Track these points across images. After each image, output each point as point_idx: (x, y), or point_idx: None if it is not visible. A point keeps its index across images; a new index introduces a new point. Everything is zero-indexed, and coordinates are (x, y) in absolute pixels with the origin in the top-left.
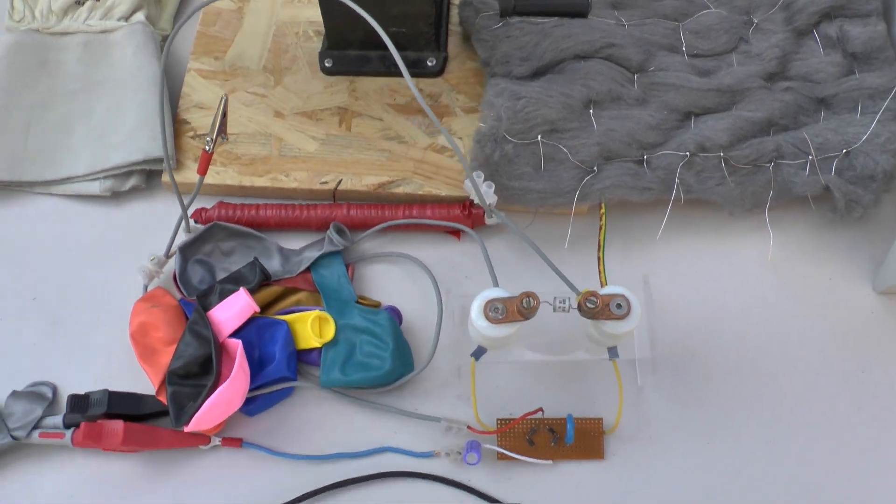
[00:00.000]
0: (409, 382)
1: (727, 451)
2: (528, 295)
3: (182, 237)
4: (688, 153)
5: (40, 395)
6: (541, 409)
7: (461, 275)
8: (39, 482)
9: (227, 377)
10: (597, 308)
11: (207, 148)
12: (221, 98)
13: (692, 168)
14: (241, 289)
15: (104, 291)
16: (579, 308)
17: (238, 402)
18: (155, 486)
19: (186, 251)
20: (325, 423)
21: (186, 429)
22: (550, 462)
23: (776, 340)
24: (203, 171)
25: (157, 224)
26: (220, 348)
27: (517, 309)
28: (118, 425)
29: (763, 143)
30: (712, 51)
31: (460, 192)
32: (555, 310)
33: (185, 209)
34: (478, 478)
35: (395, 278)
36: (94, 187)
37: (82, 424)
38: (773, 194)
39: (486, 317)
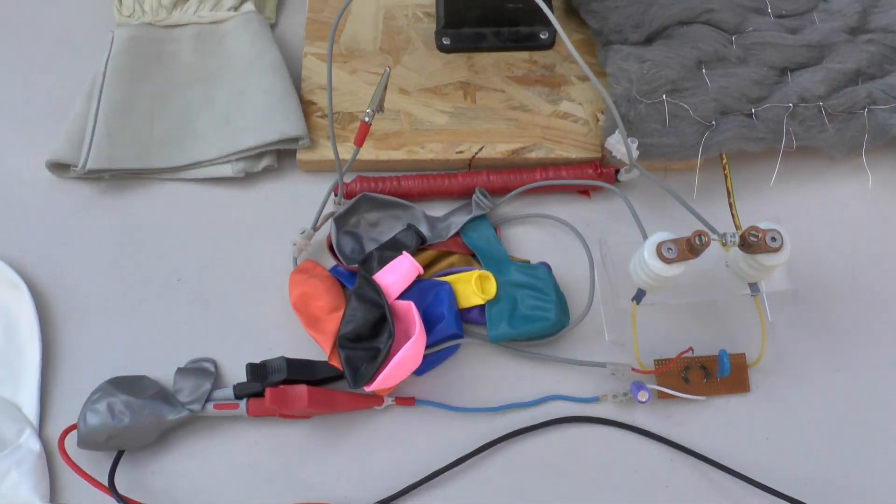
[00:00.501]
0: (565, 332)
1: (856, 376)
2: (699, 233)
3: (328, 209)
4: (791, 104)
5: (204, 371)
6: (691, 348)
7: (596, 230)
8: (216, 453)
9: (402, 337)
10: (758, 241)
11: (367, 119)
12: (385, 70)
13: (796, 118)
14: (404, 253)
15: (247, 268)
16: (742, 242)
17: (418, 361)
18: (332, 450)
19: (339, 222)
20: (491, 377)
21: (369, 389)
22: (704, 398)
23: (884, 271)
24: (360, 143)
25: (291, 201)
26: (392, 310)
27: (688, 247)
28: (302, 389)
29: (855, 91)
30: (795, 10)
31: (588, 154)
32: (724, 244)
33: (341, 180)
34: (642, 417)
35: (536, 237)
36: (227, 170)
37: (268, 390)
38: (868, 138)
39: (660, 257)
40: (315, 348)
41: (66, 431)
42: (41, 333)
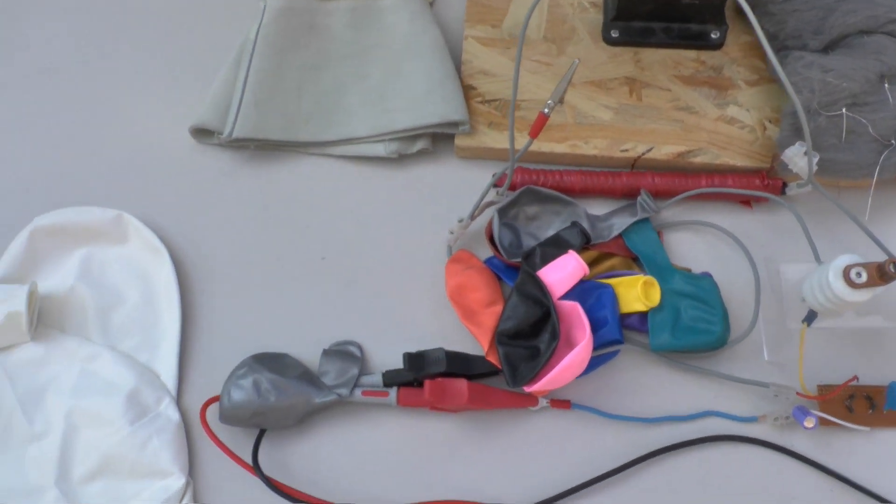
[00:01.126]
0: (725, 348)
1: None
2: (893, 261)
3: (487, 199)
4: None
5: (350, 354)
6: (856, 377)
7: (756, 242)
8: (360, 440)
9: (564, 339)
10: None
11: (546, 111)
12: (573, 63)
13: None
14: (571, 251)
15: (395, 251)
16: None
17: (583, 366)
18: (482, 447)
19: (502, 213)
20: (648, 386)
21: (529, 390)
22: (868, 429)
23: None
24: (535, 134)
25: (445, 187)
26: (557, 310)
27: (879, 274)
28: (462, 384)
29: None
30: None
31: (754, 163)
32: None
33: (512, 170)
34: (801, 444)
35: (696, 245)
36: (380, 149)
37: (427, 382)
38: None
39: (847, 281)
40: (466, 342)
41: (207, 404)
42: (181, 300)
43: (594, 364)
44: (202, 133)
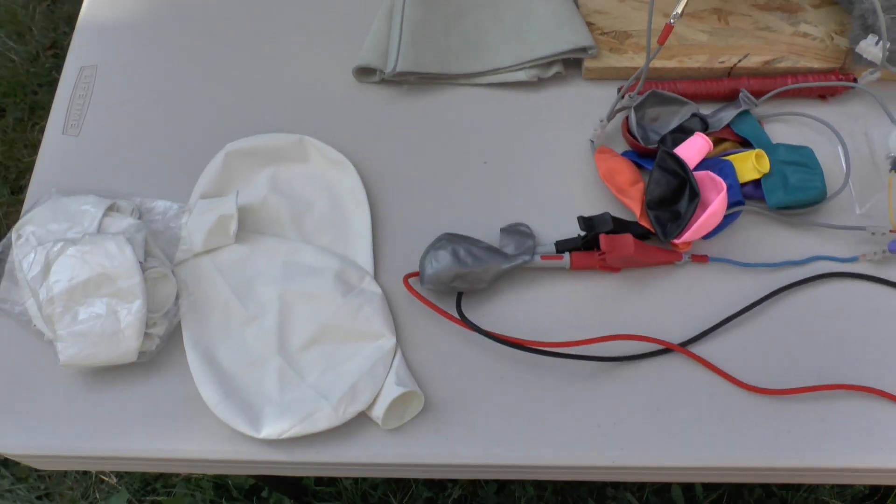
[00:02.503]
0: (821, 206)
1: None
2: None
3: (618, 105)
4: None
5: (523, 232)
6: None
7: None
8: (540, 300)
9: (701, 200)
10: None
11: (671, 21)
12: None
13: None
14: (697, 132)
15: (544, 154)
16: None
17: (721, 215)
18: (639, 298)
19: (637, 111)
20: (766, 240)
21: (678, 241)
22: None
23: None
24: (663, 41)
25: (577, 103)
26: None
27: None
28: (629, 238)
29: None
30: None
31: (828, 64)
32: None
33: (644, 76)
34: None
35: (787, 131)
36: (521, 75)
37: (602, 236)
38: None
39: None
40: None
41: (408, 276)
42: (368, 200)
43: (722, 225)
44: (363, 73)
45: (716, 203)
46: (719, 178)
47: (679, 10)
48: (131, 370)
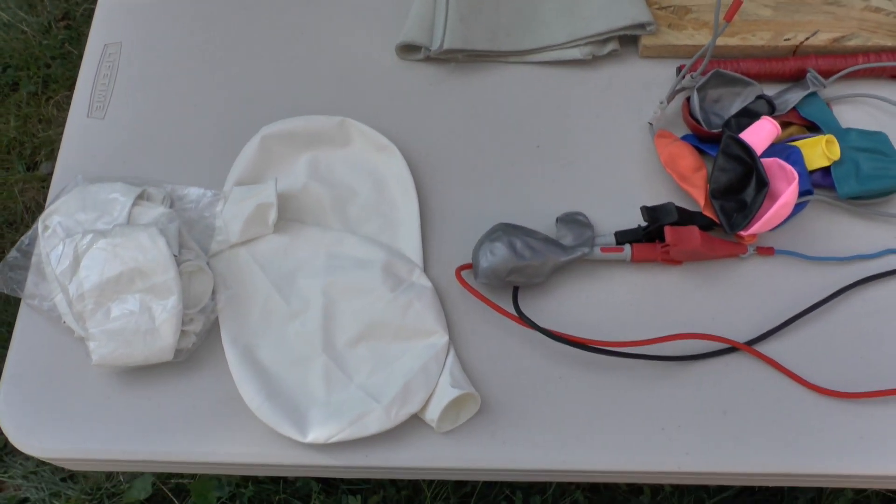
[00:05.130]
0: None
1: None
2: None
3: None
4: None
5: (580, 222)
6: None
7: None
8: (600, 293)
9: (770, 189)
10: None
11: None
12: None
13: None
14: (764, 116)
15: (601, 136)
16: None
17: (790, 209)
18: (702, 293)
19: (700, 93)
20: (835, 231)
21: (747, 232)
22: None
23: None
24: (730, 18)
25: (634, 82)
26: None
27: None
28: (695, 230)
29: None
30: None
31: None
32: None
33: (709, 55)
34: None
35: (858, 115)
36: (575, 53)
37: (667, 228)
38: None
39: None
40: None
41: (461, 269)
42: (415, 187)
43: (789, 215)
44: (407, 50)
45: (787, 194)
46: (790, 167)
47: None
48: (167, 369)
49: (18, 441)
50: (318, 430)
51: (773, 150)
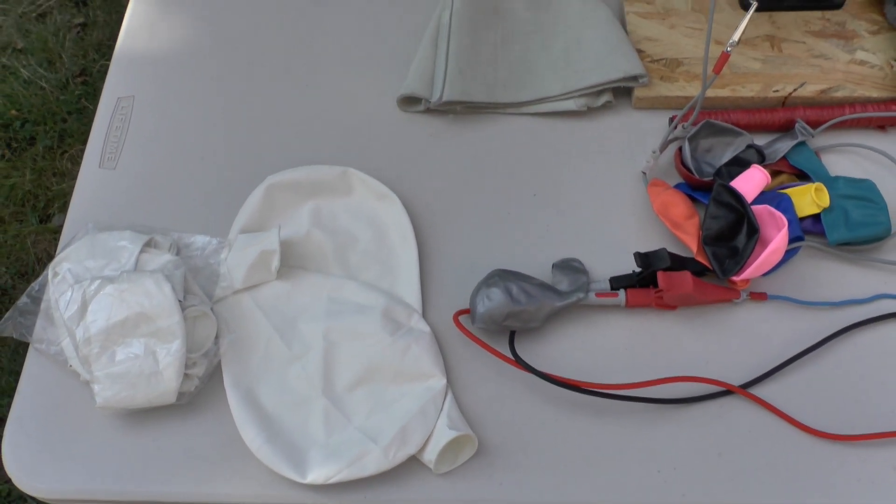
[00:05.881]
0: (888, 239)
1: None
2: None
3: (670, 136)
4: None
5: (576, 268)
6: None
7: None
8: (595, 338)
9: (760, 236)
10: None
11: (728, 49)
12: (752, 5)
13: None
14: (754, 165)
15: (594, 185)
16: None
17: (781, 255)
18: (696, 337)
19: (691, 142)
20: (827, 277)
21: (740, 277)
22: None
23: None
24: (718, 70)
25: (627, 132)
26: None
27: None
28: (687, 275)
29: None
30: None
31: (888, 93)
32: None
33: (699, 106)
34: None
35: (844, 163)
36: (570, 104)
37: (659, 273)
38: None
39: None
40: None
41: (458, 314)
42: (414, 234)
43: (781, 261)
44: (408, 102)
45: (777, 240)
46: (779, 213)
47: (736, 38)
48: (170, 412)
49: (22, 482)
50: (317, 470)
51: (763, 197)
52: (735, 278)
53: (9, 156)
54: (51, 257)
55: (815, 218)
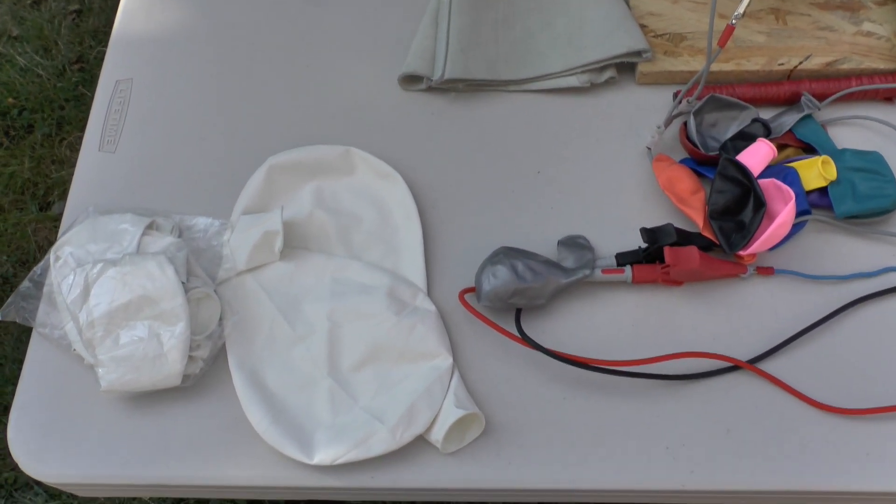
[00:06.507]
0: (891, 214)
1: None
2: None
3: (674, 110)
4: None
5: (581, 245)
6: None
7: None
8: (601, 315)
9: (767, 210)
10: None
11: (733, 22)
12: None
13: None
14: (760, 139)
15: (599, 162)
16: None
17: (788, 228)
18: (703, 312)
19: (696, 117)
20: (833, 250)
21: (746, 252)
22: None
23: None
24: (723, 44)
25: (631, 108)
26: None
27: None
28: (694, 250)
29: None
30: None
31: (895, 65)
32: None
33: (703, 80)
34: None
35: (852, 136)
36: (573, 80)
37: (666, 249)
38: None
39: None
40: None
41: (464, 292)
42: (418, 213)
43: (788, 235)
44: (409, 80)
45: (784, 213)
46: (786, 187)
47: (741, 10)
48: (175, 394)
49: (28, 467)
50: (324, 451)
51: (769, 171)
52: (742, 253)
53: (7, 144)
54: (51, 245)
55: (822, 191)
